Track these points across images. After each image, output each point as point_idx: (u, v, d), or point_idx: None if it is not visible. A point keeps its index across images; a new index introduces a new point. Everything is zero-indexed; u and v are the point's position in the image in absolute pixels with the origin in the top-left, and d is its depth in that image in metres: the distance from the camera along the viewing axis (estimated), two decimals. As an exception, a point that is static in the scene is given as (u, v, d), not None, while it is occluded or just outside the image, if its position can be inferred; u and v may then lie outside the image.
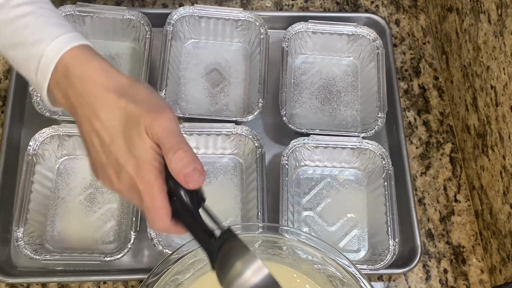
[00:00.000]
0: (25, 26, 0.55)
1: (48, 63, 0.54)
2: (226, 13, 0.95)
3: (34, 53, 0.54)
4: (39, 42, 0.54)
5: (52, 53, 0.54)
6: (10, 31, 0.55)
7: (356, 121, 0.95)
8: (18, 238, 0.78)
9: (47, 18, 0.56)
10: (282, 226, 0.72)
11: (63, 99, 0.55)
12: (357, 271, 0.67)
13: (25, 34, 0.55)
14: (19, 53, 0.56)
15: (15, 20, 0.55)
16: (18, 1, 0.56)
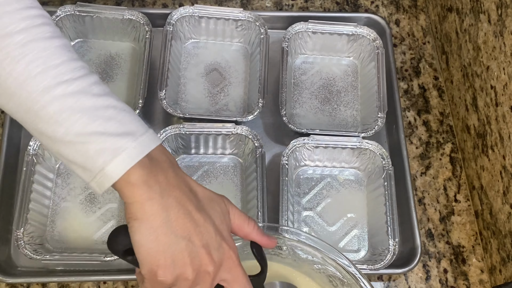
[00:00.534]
0: (108, 118, 0.51)
1: (136, 155, 0.51)
2: (226, 13, 0.95)
3: (114, 146, 0.51)
4: (124, 135, 0.51)
5: (141, 147, 0.51)
6: (89, 120, 0.51)
7: (356, 121, 0.95)
8: (18, 238, 0.78)
9: (128, 113, 0.53)
10: (282, 226, 0.72)
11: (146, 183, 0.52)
12: (357, 271, 0.67)
13: (107, 126, 0.51)
14: (88, 146, 0.51)
15: (97, 110, 0.51)
16: (99, 91, 0.52)
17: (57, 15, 0.91)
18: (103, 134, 0.50)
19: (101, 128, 0.51)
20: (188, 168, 0.89)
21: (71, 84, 0.51)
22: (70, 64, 0.52)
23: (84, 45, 0.96)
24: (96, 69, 0.94)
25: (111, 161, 0.50)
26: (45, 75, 0.50)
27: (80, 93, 0.51)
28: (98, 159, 0.51)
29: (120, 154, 0.50)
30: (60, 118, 0.50)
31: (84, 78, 0.52)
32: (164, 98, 0.87)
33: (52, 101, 0.50)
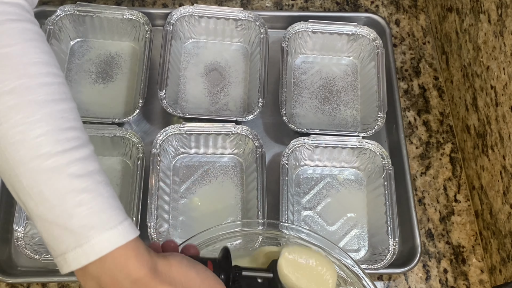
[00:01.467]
0: (78, 203, 0.48)
1: (94, 252, 0.48)
2: (226, 13, 0.95)
3: (77, 235, 0.48)
4: (88, 227, 0.48)
5: (103, 244, 0.48)
6: (57, 202, 0.48)
7: (356, 120, 0.95)
8: (18, 238, 0.78)
9: (104, 199, 0.49)
10: (282, 223, 0.72)
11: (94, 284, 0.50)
12: (361, 270, 0.67)
13: (74, 212, 0.48)
14: (53, 228, 0.48)
15: (68, 193, 0.48)
16: (77, 171, 0.49)
17: (57, 15, 0.91)
18: (67, 221, 0.48)
19: (66, 214, 0.48)
20: (188, 168, 0.89)
21: (48, 159, 0.47)
22: (56, 135, 0.48)
23: (84, 45, 0.96)
24: (96, 69, 0.94)
25: (71, 250, 0.48)
26: (22, 145, 0.47)
27: (55, 170, 0.48)
28: (60, 246, 0.48)
29: (80, 247, 0.48)
30: (31, 192, 0.48)
31: (66, 152, 0.48)
32: (164, 97, 0.87)
33: (25, 173, 0.48)
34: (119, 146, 0.87)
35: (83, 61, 0.95)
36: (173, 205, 0.86)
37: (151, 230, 0.79)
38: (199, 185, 0.88)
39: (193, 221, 0.85)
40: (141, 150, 0.84)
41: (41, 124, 0.48)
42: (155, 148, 0.84)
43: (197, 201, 0.87)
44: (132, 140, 0.85)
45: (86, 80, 0.94)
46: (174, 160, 0.89)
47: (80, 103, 0.91)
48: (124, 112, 0.91)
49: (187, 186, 0.88)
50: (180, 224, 0.85)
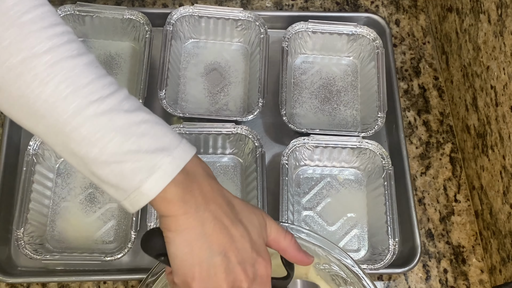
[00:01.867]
0: (142, 134, 0.50)
1: (171, 172, 0.51)
2: (226, 12, 0.95)
3: (151, 161, 0.50)
4: (159, 151, 0.50)
5: (175, 162, 0.51)
6: (124, 138, 0.50)
7: (356, 120, 0.95)
8: (18, 238, 0.78)
9: (161, 127, 0.52)
10: (282, 223, 0.72)
11: (182, 198, 0.52)
12: (361, 270, 0.67)
13: (141, 142, 0.50)
14: (124, 165, 0.50)
15: (130, 127, 0.50)
16: (130, 107, 0.51)
17: (57, 15, 0.91)
18: (138, 152, 0.50)
19: (136, 146, 0.50)
20: (188, 168, 0.89)
21: (102, 103, 0.49)
22: (99, 82, 0.50)
23: (84, 45, 0.96)
24: (96, 69, 0.94)
25: (146, 179, 0.50)
26: (75, 96, 0.49)
27: (112, 111, 0.50)
28: (134, 178, 0.50)
29: (155, 171, 0.50)
30: (94, 138, 0.49)
31: (114, 94, 0.51)
32: (164, 97, 0.87)
33: (84, 122, 0.49)
34: (119, 146, 0.87)
35: (83, 61, 0.95)
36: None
37: (151, 230, 0.79)
38: (199, 185, 0.88)
39: (193, 221, 0.85)
40: (141, 150, 0.84)
41: (84, 74, 0.50)
42: (155, 148, 0.84)
43: (197, 201, 0.87)
44: (132, 140, 0.85)
45: (86, 80, 0.94)
46: (174, 160, 0.89)
47: (80, 103, 0.91)
48: None
49: (187, 186, 0.88)
50: (180, 224, 0.85)
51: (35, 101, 0.49)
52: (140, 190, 0.50)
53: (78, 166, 0.52)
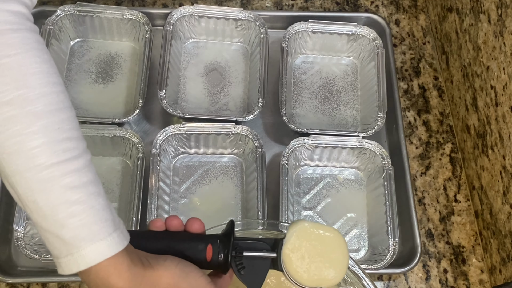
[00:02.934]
0: (70, 215, 0.49)
1: (83, 263, 0.50)
2: (226, 13, 0.95)
3: (68, 245, 0.49)
4: (80, 239, 0.49)
5: (91, 255, 0.50)
6: (50, 213, 0.49)
7: (356, 120, 0.95)
8: (18, 238, 0.78)
9: (96, 212, 0.50)
10: (282, 223, 0.72)
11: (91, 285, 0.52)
12: (361, 271, 0.67)
13: (66, 223, 0.49)
14: (47, 235, 0.50)
15: (61, 204, 0.49)
16: (70, 182, 0.49)
17: (57, 15, 0.91)
18: (57, 237, 0.49)
19: (56, 228, 0.49)
20: (188, 168, 0.89)
21: (42, 171, 0.48)
22: (50, 147, 0.49)
23: (84, 45, 0.96)
24: (96, 69, 0.94)
25: (64, 257, 0.50)
26: (18, 156, 0.48)
27: (48, 182, 0.49)
28: (54, 250, 0.50)
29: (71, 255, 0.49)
30: (27, 201, 0.49)
31: (61, 164, 0.49)
32: (164, 97, 0.87)
33: (20, 182, 0.49)
34: (119, 146, 0.87)
35: (83, 61, 0.95)
36: (173, 205, 0.86)
37: (151, 230, 0.79)
38: (199, 185, 0.88)
39: (193, 221, 0.85)
40: (141, 150, 0.84)
41: (38, 135, 0.48)
42: (155, 148, 0.84)
43: (197, 201, 0.87)
44: (132, 140, 0.85)
45: (86, 80, 0.94)
46: (174, 160, 0.89)
47: (80, 103, 0.91)
48: (124, 112, 0.91)
49: (187, 186, 0.88)
50: (180, 224, 0.85)
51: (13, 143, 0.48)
52: (58, 262, 0.50)
53: None
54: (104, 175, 0.87)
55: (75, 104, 0.91)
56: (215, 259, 0.58)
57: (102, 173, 0.87)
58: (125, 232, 0.53)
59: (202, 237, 0.60)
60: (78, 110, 0.90)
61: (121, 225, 0.53)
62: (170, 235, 0.59)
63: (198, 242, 0.59)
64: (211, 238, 0.60)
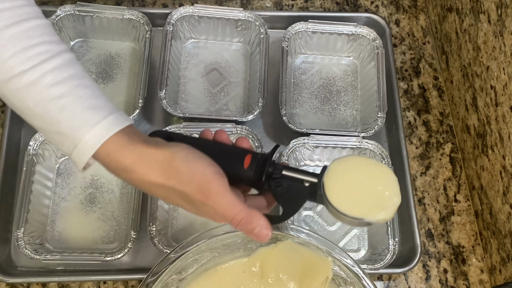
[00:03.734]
0: (60, 108, 0.52)
1: (87, 150, 0.53)
2: (226, 13, 0.95)
3: (70, 137, 0.53)
4: (76, 128, 0.52)
5: (91, 142, 0.53)
6: (43, 112, 0.52)
7: (356, 120, 0.95)
8: (18, 238, 0.78)
9: (84, 100, 0.53)
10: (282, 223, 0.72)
11: (108, 168, 0.56)
12: (360, 270, 0.67)
13: (60, 117, 0.52)
14: (53, 135, 0.54)
15: (49, 102, 0.52)
16: (51, 80, 0.52)
17: (57, 15, 0.91)
18: (59, 133, 0.53)
19: (55, 126, 0.53)
20: (188, 168, 0.89)
21: (22, 76, 0.51)
22: (24, 54, 0.51)
23: (84, 45, 0.96)
24: (96, 69, 0.94)
25: (72, 151, 0.54)
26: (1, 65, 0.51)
27: (31, 85, 0.52)
28: (63, 147, 0.54)
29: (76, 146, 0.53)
30: (22, 109, 0.53)
31: (37, 66, 0.52)
32: (164, 98, 0.87)
33: (10, 94, 0.53)
34: (119, 146, 0.87)
35: (83, 61, 0.95)
36: (173, 205, 0.86)
37: (151, 230, 0.79)
38: (199, 185, 0.88)
39: (193, 221, 0.85)
40: (141, 150, 0.84)
41: (7, 47, 0.51)
42: (155, 148, 0.84)
43: (197, 201, 0.87)
44: (132, 140, 0.85)
45: (86, 80, 0.94)
46: (174, 160, 0.89)
47: (80, 103, 0.91)
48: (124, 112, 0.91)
49: (187, 186, 0.88)
50: (180, 224, 0.85)
51: None
52: (71, 157, 0.54)
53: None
54: (104, 175, 0.87)
55: (75, 104, 0.91)
56: (252, 168, 0.58)
57: (102, 173, 0.87)
58: (124, 116, 0.56)
59: (245, 149, 0.61)
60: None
61: (119, 111, 0.56)
62: (217, 143, 0.61)
63: (239, 151, 0.60)
64: (254, 152, 0.60)
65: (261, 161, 0.59)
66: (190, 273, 0.71)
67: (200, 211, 0.56)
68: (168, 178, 0.54)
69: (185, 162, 0.54)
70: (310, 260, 0.70)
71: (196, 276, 0.71)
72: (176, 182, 0.54)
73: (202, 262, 0.71)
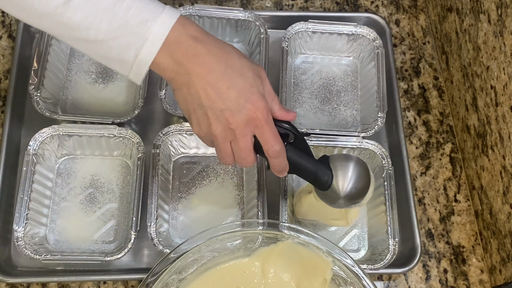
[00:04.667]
0: (127, 9, 0.57)
1: (159, 39, 0.58)
2: (226, 13, 0.95)
3: (140, 32, 0.58)
4: (144, 22, 0.58)
5: (161, 29, 0.58)
6: (112, 17, 0.57)
7: (356, 120, 0.95)
8: (18, 238, 0.78)
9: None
10: (283, 223, 0.72)
11: (172, 64, 0.60)
12: (360, 270, 0.67)
13: (128, 16, 0.57)
14: (119, 40, 0.58)
15: (115, 5, 0.57)
16: None
17: (57, 15, 0.91)
18: (127, 26, 0.57)
19: (123, 21, 0.57)
20: (188, 167, 0.89)
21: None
22: None
23: None
24: (96, 69, 0.94)
25: (141, 49, 0.58)
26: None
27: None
28: (130, 49, 0.59)
29: (146, 40, 0.58)
30: (87, 22, 0.57)
31: None
32: (164, 97, 0.87)
33: (74, 11, 0.57)
34: (119, 146, 0.87)
35: (83, 61, 0.95)
36: (173, 205, 0.86)
37: (151, 230, 0.79)
38: (199, 185, 0.88)
39: (193, 221, 0.85)
40: (141, 150, 0.84)
41: None
42: (155, 148, 0.84)
43: (197, 201, 0.87)
44: (132, 140, 0.85)
45: (86, 80, 0.94)
46: (174, 160, 0.89)
47: (80, 103, 0.91)
48: (124, 112, 0.91)
49: (187, 186, 0.88)
50: (180, 224, 0.85)
51: (33, 2, 0.56)
52: (138, 59, 0.59)
53: (86, 49, 0.60)
54: (104, 175, 0.87)
55: (75, 104, 0.91)
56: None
57: (102, 173, 0.87)
58: (172, 8, 0.61)
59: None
60: (78, 110, 0.91)
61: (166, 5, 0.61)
62: None
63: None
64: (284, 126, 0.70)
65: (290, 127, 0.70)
66: (190, 273, 0.71)
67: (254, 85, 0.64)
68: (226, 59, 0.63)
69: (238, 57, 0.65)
70: (310, 260, 0.70)
71: (196, 276, 0.71)
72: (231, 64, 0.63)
73: (202, 262, 0.71)
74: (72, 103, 0.91)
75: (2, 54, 0.95)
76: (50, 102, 0.88)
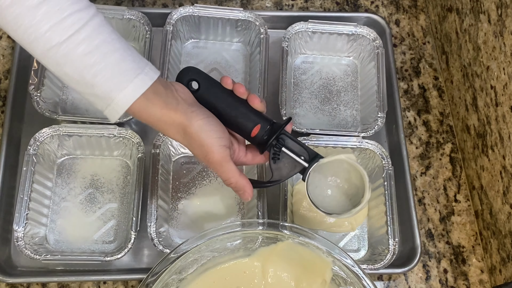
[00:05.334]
0: (93, 75, 0.60)
1: (119, 109, 0.62)
2: (226, 13, 0.95)
3: (104, 99, 0.61)
4: (108, 91, 0.61)
5: (121, 103, 0.61)
6: (79, 78, 0.61)
7: (356, 120, 0.95)
8: (18, 238, 0.78)
9: (113, 67, 0.61)
10: (283, 223, 0.72)
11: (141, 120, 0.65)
12: (360, 270, 0.67)
13: (94, 82, 0.60)
14: (88, 96, 0.63)
15: (84, 69, 0.60)
16: (84, 50, 0.60)
17: (57, 15, 0.91)
18: (94, 95, 0.62)
19: (90, 89, 0.61)
20: (188, 167, 0.89)
21: (59, 47, 0.59)
22: (58, 26, 0.58)
23: None
24: (96, 69, 0.94)
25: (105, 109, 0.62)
26: (37, 43, 0.59)
27: (68, 55, 0.59)
28: (97, 106, 0.63)
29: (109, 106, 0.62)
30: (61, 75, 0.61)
31: (71, 37, 0.59)
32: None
33: (49, 62, 0.60)
34: (119, 146, 0.87)
35: (83, 61, 0.95)
36: (173, 205, 0.86)
37: (151, 230, 0.79)
38: (199, 185, 0.88)
39: (193, 221, 0.85)
40: (141, 150, 0.84)
41: (44, 22, 0.58)
42: (155, 148, 0.84)
43: (197, 201, 0.87)
44: (132, 140, 0.85)
45: (86, 80, 0.94)
46: (174, 160, 0.89)
47: (80, 103, 0.91)
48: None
49: (187, 186, 0.88)
50: (180, 224, 0.85)
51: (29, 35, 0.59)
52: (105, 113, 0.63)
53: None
54: (104, 175, 0.87)
55: (75, 104, 0.91)
56: (258, 137, 0.69)
57: (102, 173, 0.87)
58: (149, 74, 0.63)
59: (258, 115, 0.69)
60: (78, 110, 0.91)
61: (146, 67, 0.63)
62: (235, 96, 0.69)
63: (252, 117, 0.69)
64: (265, 120, 0.69)
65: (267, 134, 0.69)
66: (190, 273, 0.71)
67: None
68: (183, 139, 0.66)
69: (197, 134, 0.65)
70: (310, 260, 0.70)
71: (196, 276, 0.71)
72: (187, 144, 0.66)
73: (202, 262, 0.71)
74: (72, 103, 0.91)
75: (2, 54, 0.95)
76: (50, 102, 0.88)
